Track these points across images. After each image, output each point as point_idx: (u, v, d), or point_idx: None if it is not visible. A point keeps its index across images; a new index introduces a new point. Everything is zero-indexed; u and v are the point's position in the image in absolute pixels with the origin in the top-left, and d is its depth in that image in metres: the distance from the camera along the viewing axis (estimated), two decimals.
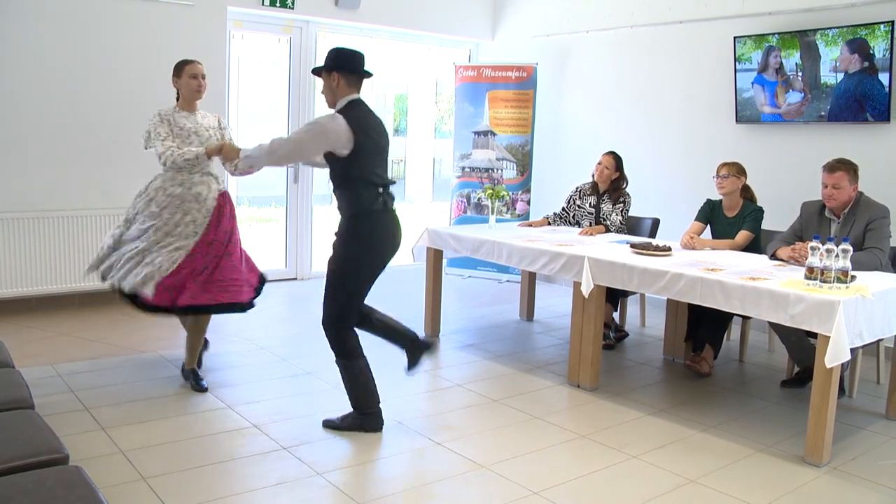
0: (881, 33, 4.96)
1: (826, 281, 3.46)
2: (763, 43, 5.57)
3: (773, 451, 3.59)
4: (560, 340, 5.37)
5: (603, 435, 3.72)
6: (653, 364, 4.98)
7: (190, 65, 4.18)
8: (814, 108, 5.40)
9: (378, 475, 3.29)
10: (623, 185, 5.46)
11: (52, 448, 2.26)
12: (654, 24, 6.44)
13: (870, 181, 4.38)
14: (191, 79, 4.16)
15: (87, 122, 5.68)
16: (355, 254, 3.53)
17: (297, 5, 6.56)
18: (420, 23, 7.46)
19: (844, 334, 3.26)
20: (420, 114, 15.45)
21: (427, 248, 5.34)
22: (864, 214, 4.09)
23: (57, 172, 5.61)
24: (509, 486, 3.15)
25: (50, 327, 5.25)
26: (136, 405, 3.89)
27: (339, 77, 3.50)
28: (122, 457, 3.27)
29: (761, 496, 3.12)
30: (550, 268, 4.53)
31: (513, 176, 7.38)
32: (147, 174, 5.86)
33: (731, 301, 3.67)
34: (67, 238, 5.63)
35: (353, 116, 3.45)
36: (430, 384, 4.52)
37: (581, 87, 7.16)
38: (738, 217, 4.78)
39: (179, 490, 3.00)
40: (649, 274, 4.02)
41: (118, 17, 5.70)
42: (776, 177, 5.56)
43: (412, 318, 5.61)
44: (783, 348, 4.53)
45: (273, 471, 3.23)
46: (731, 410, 4.13)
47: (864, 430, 3.88)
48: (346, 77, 3.51)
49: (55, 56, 5.50)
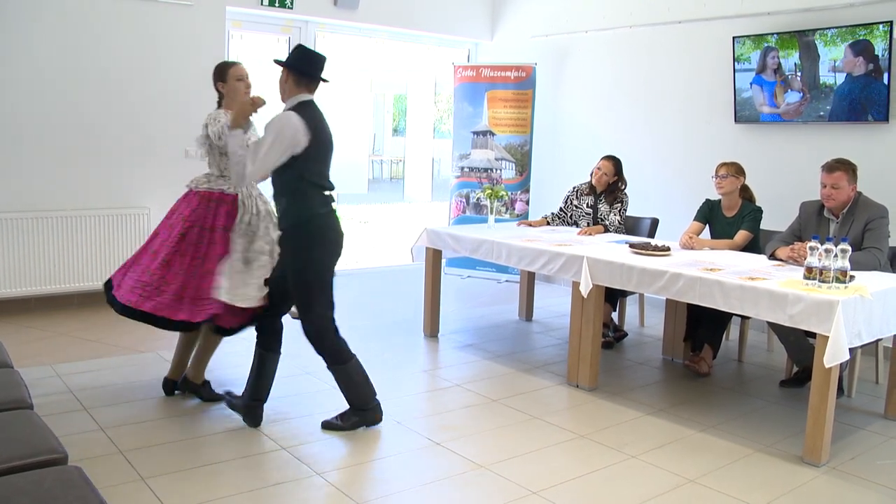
0: (879, 33, 4.96)
1: (825, 281, 3.46)
2: (762, 43, 5.57)
3: (771, 450, 3.59)
4: (559, 340, 5.37)
5: (602, 435, 3.72)
6: (652, 364, 4.98)
7: (234, 67, 3.92)
8: (812, 108, 5.40)
9: (377, 475, 3.29)
10: (621, 186, 5.46)
11: (50, 448, 2.26)
12: (653, 24, 6.44)
13: (868, 181, 4.38)
14: (237, 82, 3.88)
15: (86, 122, 5.68)
16: (317, 257, 3.50)
17: (296, 5, 6.56)
18: (419, 23, 7.46)
19: (843, 334, 3.26)
20: (419, 114, 15.46)
21: (426, 248, 5.33)
22: (862, 214, 4.09)
23: (55, 172, 5.60)
24: (508, 486, 3.15)
25: (49, 327, 5.25)
26: (135, 405, 3.89)
27: (290, 75, 3.48)
28: (121, 457, 3.27)
29: (760, 496, 3.12)
30: (549, 268, 4.53)
31: (512, 176, 7.38)
32: (146, 174, 5.93)
33: (730, 301, 3.67)
34: (66, 238, 5.62)
35: (308, 115, 3.41)
36: (429, 384, 4.52)
37: (580, 86, 7.16)
38: (737, 217, 4.78)
39: (178, 490, 3.00)
40: (648, 274, 4.02)
41: (116, 16, 5.70)
42: (775, 177, 5.56)
43: (411, 318, 5.65)
44: (782, 348, 4.53)
45: (272, 471, 3.24)
46: (730, 410, 4.13)
47: (863, 430, 3.89)
48: (297, 77, 3.48)
49: (53, 56, 5.50)
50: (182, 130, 6.07)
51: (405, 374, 4.57)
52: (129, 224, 5.87)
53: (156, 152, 5.98)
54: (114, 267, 5.75)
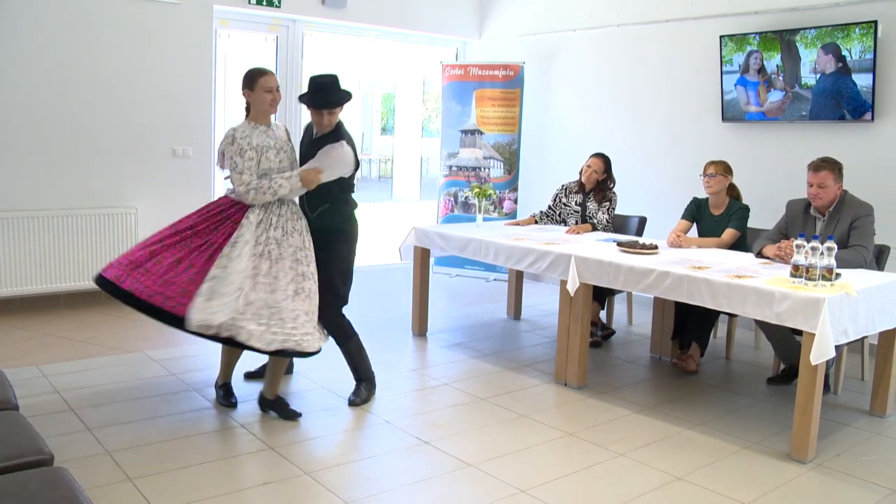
0: (857, 36, 5.00)
1: (811, 279, 3.48)
2: (745, 45, 5.60)
3: (759, 447, 3.61)
4: (547, 339, 5.38)
5: (590, 433, 3.73)
6: (640, 362, 5.00)
7: (264, 77, 3.75)
8: (795, 107, 5.43)
9: (365, 474, 3.28)
10: (610, 185, 5.47)
11: (36, 449, 2.24)
12: (640, 23, 6.46)
13: (854, 180, 4.41)
14: (265, 93, 3.74)
15: (71, 121, 5.64)
16: (353, 250, 4.07)
17: (284, 4, 6.54)
18: (407, 21, 7.45)
19: (829, 331, 3.29)
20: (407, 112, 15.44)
21: (414, 247, 5.33)
22: (848, 213, 4.12)
23: (42, 171, 5.56)
24: (497, 485, 3.15)
25: (35, 328, 5.21)
26: (123, 405, 3.87)
27: None
28: (108, 457, 3.25)
29: (747, 493, 3.14)
30: (537, 266, 4.53)
31: (500, 174, 7.39)
32: (133, 173, 5.90)
33: (718, 299, 3.69)
34: (53, 237, 5.58)
35: (350, 140, 3.91)
36: (417, 383, 4.52)
37: (568, 85, 7.18)
38: (725, 215, 4.80)
39: (166, 490, 2.99)
40: (636, 272, 4.03)
41: (103, 15, 5.66)
42: (762, 175, 5.59)
43: (400, 318, 5.64)
44: (769, 346, 4.56)
45: (260, 470, 3.23)
46: (718, 408, 4.15)
47: (849, 427, 3.91)
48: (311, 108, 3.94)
49: (38, 55, 5.45)
50: (170, 130, 6.05)
51: (393, 373, 4.56)
52: (116, 224, 5.83)
53: (143, 152, 5.95)
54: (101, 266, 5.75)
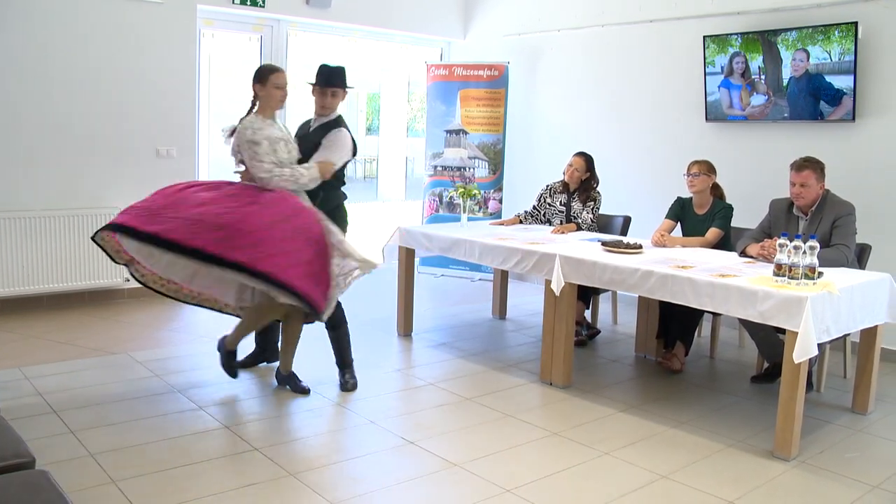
0: (836, 37, 5.04)
1: (794, 277, 3.51)
2: (727, 47, 5.63)
3: (743, 445, 3.63)
4: (532, 338, 5.39)
5: (575, 432, 3.74)
6: (624, 361, 5.02)
7: (276, 74, 3.91)
8: (777, 109, 5.46)
9: (351, 474, 3.27)
10: (594, 184, 5.49)
11: (16, 452, 2.22)
12: (624, 23, 6.48)
13: (835, 179, 4.44)
14: (276, 89, 3.90)
15: (53, 121, 5.59)
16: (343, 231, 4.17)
17: (268, 4, 6.51)
18: (392, 21, 7.44)
19: (812, 330, 3.31)
20: (392, 112, 15.39)
21: (399, 247, 5.33)
22: (830, 212, 4.15)
23: (24, 172, 5.51)
24: (482, 484, 3.15)
25: (17, 329, 5.16)
26: (106, 407, 3.84)
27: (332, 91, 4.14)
28: (91, 460, 3.23)
29: (732, 490, 3.16)
30: (522, 266, 4.54)
31: (485, 174, 7.39)
32: (116, 173, 5.85)
33: (701, 298, 3.70)
34: (35, 238, 5.53)
35: (348, 129, 4.10)
36: (402, 383, 4.52)
37: (552, 85, 7.19)
38: (709, 215, 4.83)
39: (150, 493, 2.97)
40: (620, 272, 4.05)
41: (85, 14, 5.61)
42: (746, 175, 5.62)
43: (385, 318, 5.63)
44: (753, 344, 4.58)
45: (245, 471, 3.21)
46: (702, 406, 4.17)
47: (832, 424, 3.94)
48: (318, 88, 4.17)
49: (19, 53, 5.40)
50: (153, 129, 6.01)
51: (379, 374, 4.56)
52: (99, 224, 5.71)
53: (126, 151, 5.91)
54: (83, 267, 5.72)
